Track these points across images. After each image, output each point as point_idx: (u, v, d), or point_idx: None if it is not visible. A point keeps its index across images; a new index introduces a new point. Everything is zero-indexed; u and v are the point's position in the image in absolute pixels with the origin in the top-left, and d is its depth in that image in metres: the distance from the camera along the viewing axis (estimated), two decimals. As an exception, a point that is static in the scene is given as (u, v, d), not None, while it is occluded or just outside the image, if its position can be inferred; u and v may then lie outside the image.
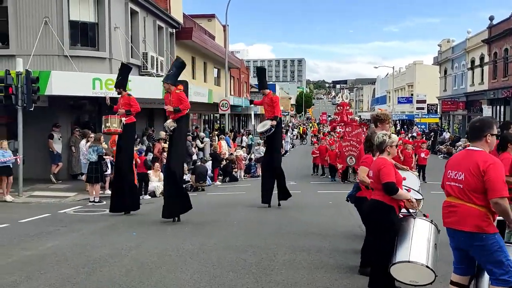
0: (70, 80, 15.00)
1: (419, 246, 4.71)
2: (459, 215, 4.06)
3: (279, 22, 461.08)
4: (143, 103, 15.40)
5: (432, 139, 33.77)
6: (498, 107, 31.24)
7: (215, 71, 33.60)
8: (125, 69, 10.95)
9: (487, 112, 30.09)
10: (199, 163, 17.62)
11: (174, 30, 24.25)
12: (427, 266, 4.58)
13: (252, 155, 23.29)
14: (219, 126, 34.87)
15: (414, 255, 4.64)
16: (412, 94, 52.89)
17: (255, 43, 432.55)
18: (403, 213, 5.38)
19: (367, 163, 5.84)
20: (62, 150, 15.97)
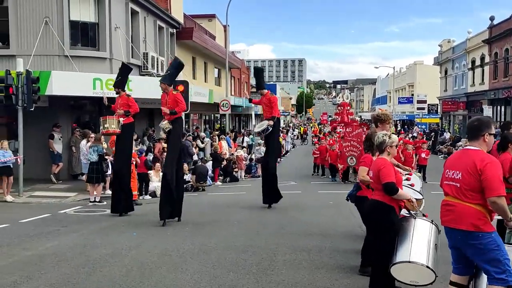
0: (71, 80, 15.00)
1: (420, 246, 4.71)
2: (456, 214, 4.07)
3: (280, 22, 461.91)
4: (143, 103, 15.42)
5: (433, 139, 33.72)
6: (498, 107, 31.25)
7: (215, 71, 33.60)
8: (125, 69, 10.94)
9: (487, 112, 30.03)
10: (199, 163, 17.61)
11: (175, 30, 24.24)
12: (427, 266, 4.58)
13: (252, 155, 23.24)
14: (219, 126, 34.84)
15: (415, 255, 4.64)
16: (412, 94, 52.93)
17: (255, 43, 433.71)
18: (404, 213, 5.38)
19: (365, 163, 5.84)
20: (63, 150, 15.96)
